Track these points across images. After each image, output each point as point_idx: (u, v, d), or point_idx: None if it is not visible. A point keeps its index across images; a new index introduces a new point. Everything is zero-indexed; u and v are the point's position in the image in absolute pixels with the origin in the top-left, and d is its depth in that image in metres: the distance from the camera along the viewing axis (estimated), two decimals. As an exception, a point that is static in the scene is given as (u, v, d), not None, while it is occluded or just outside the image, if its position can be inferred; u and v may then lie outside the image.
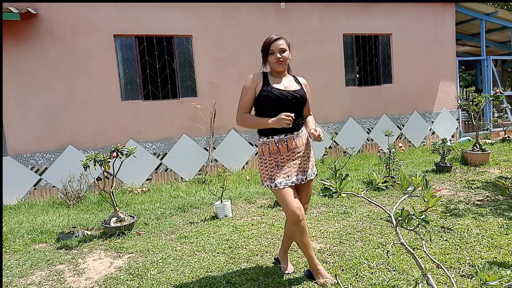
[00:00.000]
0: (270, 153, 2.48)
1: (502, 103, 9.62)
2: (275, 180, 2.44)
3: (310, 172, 2.58)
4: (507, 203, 4.12)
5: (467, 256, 2.84)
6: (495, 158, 6.51)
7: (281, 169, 2.46)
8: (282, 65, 2.47)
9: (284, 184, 2.43)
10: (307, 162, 2.56)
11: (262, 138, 2.52)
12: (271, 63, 2.47)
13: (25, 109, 5.61)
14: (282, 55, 2.44)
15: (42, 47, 5.65)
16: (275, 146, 2.47)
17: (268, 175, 2.48)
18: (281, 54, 2.43)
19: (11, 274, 3.07)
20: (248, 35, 6.87)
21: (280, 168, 2.46)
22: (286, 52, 2.45)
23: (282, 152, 2.47)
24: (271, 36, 2.46)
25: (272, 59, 2.45)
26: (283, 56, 2.44)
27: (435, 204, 1.59)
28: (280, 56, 2.43)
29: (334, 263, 2.87)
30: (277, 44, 2.42)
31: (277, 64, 2.45)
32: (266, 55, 2.47)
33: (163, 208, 4.74)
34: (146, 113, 6.27)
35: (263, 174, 2.52)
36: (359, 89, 7.92)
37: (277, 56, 2.43)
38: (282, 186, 2.42)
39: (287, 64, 2.53)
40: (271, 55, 2.44)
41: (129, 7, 6.09)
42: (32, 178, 5.68)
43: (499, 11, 9.36)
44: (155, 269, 2.97)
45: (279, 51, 2.43)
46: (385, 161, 5.24)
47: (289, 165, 2.48)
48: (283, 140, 2.46)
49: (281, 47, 2.43)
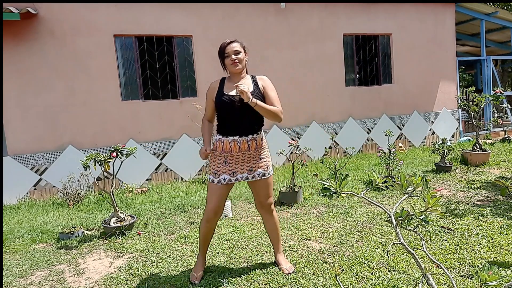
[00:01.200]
0: (222, 151, 2.60)
1: (502, 103, 9.62)
2: (219, 176, 2.59)
3: (261, 171, 2.64)
4: (507, 203, 4.12)
5: (467, 256, 2.84)
6: (495, 158, 6.51)
7: (227, 165, 2.59)
8: (238, 66, 2.56)
9: (227, 180, 2.59)
10: (257, 162, 2.64)
11: (218, 135, 2.65)
12: (227, 65, 2.59)
13: (25, 109, 5.61)
14: (237, 57, 2.55)
15: (42, 47, 5.64)
16: (228, 145, 2.58)
17: (214, 169, 2.61)
18: (235, 55, 2.55)
19: (11, 274, 3.07)
20: (248, 35, 6.87)
21: (226, 165, 2.60)
22: (241, 54, 2.58)
23: (233, 152, 2.58)
24: (225, 40, 2.59)
25: (228, 61, 2.57)
26: (238, 57, 2.56)
27: (435, 204, 1.59)
28: (235, 57, 2.55)
29: (334, 263, 2.87)
30: (231, 46, 2.56)
31: (233, 65, 2.56)
32: (222, 58, 2.59)
33: (163, 208, 4.74)
34: (146, 113, 6.27)
35: (210, 167, 2.66)
36: (359, 89, 7.92)
37: (232, 58, 2.54)
38: (223, 183, 2.58)
39: (244, 65, 2.62)
40: (227, 58, 2.56)
41: (129, 7, 6.09)
42: (32, 178, 5.68)
43: (499, 11, 9.36)
44: (155, 269, 2.97)
45: (233, 53, 2.55)
46: (385, 161, 5.24)
47: (237, 164, 2.61)
48: (237, 141, 2.57)
49: (235, 49, 2.55)
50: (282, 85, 7.19)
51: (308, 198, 4.70)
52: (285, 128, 7.27)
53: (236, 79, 2.61)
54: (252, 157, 2.62)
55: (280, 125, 7.19)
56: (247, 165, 2.62)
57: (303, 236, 3.47)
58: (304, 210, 4.28)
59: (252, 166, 2.63)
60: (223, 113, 2.58)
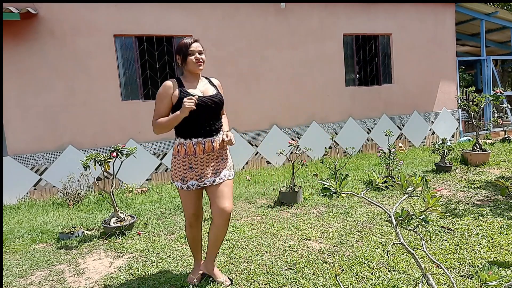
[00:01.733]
0: (185, 154, 2.49)
1: (502, 103, 9.62)
2: (187, 182, 2.50)
3: (226, 173, 2.58)
4: (507, 203, 4.12)
5: (467, 256, 2.84)
6: (495, 158, 6.51)
7: (193, 171, 2.50)
8: (201, 66, 2.50)
9: (196, 186, 2.50)
10: (221, 164, 2.57)
11: (179, 139, 2.52)
12: (190, 63, 2.47)
13: (25, 109, 5.61)
14: (201, 56, 2.48)
15: (42, 47, 5.64)
16: (192, 148, 2.48)
17: (180, 176, 2.51)
18: (200, 55, 2.48)
19: (11, 274, 3.07)
20: (248, 35, 6.87)
21: (193, 170, 2.50)
22: (203, 55, 2.51)
23: (198, 154, 2.49)
24: (187, 39, 2.48)
25: (191, 59, 2.45)
26: (202, 57, 2.49)
27: (435, 204, 1.59)
28: (200, 57, 2.47)
29: (334, 263, 2.87)
30: (196, 45, 2.47)
31: (197, 65, 2.47)
32: (185, 56, 2.46)
33: (163, 208, 4.74)
34: (146, 113, 6.26)
35: (175, 173, 2.54)
36: (359, 89, 7.92)
37: (197, 57, 2.46)
38: (192, 188, 2.51)
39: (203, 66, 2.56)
40: (191, 55, 2.45)
41: (129, 7, 6.09)
42: (32, 178, 5.68)
43: (499, 11, 9.36)
44: (155, 269, 2.97)
45: (198, 52, 2.47)
46: (385, 161, 5.24)
47: (202, 167, 2.51)
48: (201, 143, 2.48)
49: (200, 48, 2.48)
50: (282, 85, 7.21)
51: (308, 198, 4.70)
52: (285, 128, 7.27)
53: (193, 79, 2.54)
54: (215, 159, 2.54)
55: (280, 125, 7.20)
56: (212, 168, 2.53)
57: (303, 236, 3.47)
58: (304, 210, 4.28)
59: (216, 168, 2.54)
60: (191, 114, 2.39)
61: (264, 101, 7.01)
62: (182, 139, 2.50)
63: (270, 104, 7.10)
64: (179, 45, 2.49)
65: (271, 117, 7.15)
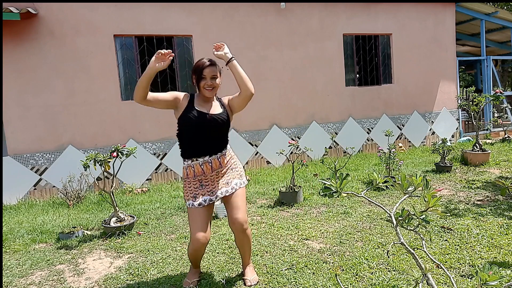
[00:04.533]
0: (195, 175, 2.51)
1: (502, 103, 9.62)
2: (198, 199, 2.49)
3: (238, 182, 2.57)
4: (507, 203, 4.12)
5: (467, 256, 2.84)
6: (495, 158, 6.51)
7: (205, 188, 2.52)
8: (212, 93, 2.48)
9: (208, 201, 2.49)
10: (230, 173, 2.58)
11: (186, 162, 2.53)
12: (200, 88, 2.47)
13: (25, 109, 5.61)
14: (213, 82, 2.45)
15: (42, 47, 5.64)
16: (200, 168, 2.49)
17: (192, 194, 2.52)
18: (212, 81, 2.45)
19: (11, 274, 3.07)
20: (248, 35, 6.87)
21: (204, 188, 2.52)
22: (217, 79, 2.48)
23: (207, 174, 2.51)
24: (204, 61, 2.45)
25: (203, 85, 2.45)
26: (214, 83, 2.46)
27: (435, 204, 1.59)
28: (211, 83, 2.44)
29: (334, 263, 2.87)
30: (210, 69, 2.43)
31: (207, 91, 2.46)
32: (199, 78, 2.45)
33: (163, 208, 4.74)
34: (146, 113, 6.26)
35: (187, 194, 2.54)
36: (359, 89, 7.92)
37: (208, 83, 2.44)
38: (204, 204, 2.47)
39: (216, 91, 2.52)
40: (203, 80, 2.44)
41: (129, 7, 6.09)
42: (32, 178, 5.68)
43: (499, 11, 9.36)
44: (155, 269, 2.97)
45: (210, 78, 2.44)
46: (385, 161, 5.24)
47: (213, 183, 2.53)
48: (208, 162, 2.50)
49: (213, 74, 2.44)
50: (282, 85, 7.21)
51: (308, 198, 4.70)
52: (285, 128, 7.27)
53: (205, 100, 2.53)
54: (225, 172, 2.56)
55: (280, 125, 7.20)
56: (223, 180, 2.54)
57: (303, 236, 3.47)
58: (304, 210, 4.28)
59: (227, 179, 2.55)
60: (191, 132, 2.45)
61: (264, 101, 7.01)
62: (190, 161, 2.51)
63: (270, 104, 7.10)
64: (195, 66, 2.48)
65: (271, 117, 7.15)
